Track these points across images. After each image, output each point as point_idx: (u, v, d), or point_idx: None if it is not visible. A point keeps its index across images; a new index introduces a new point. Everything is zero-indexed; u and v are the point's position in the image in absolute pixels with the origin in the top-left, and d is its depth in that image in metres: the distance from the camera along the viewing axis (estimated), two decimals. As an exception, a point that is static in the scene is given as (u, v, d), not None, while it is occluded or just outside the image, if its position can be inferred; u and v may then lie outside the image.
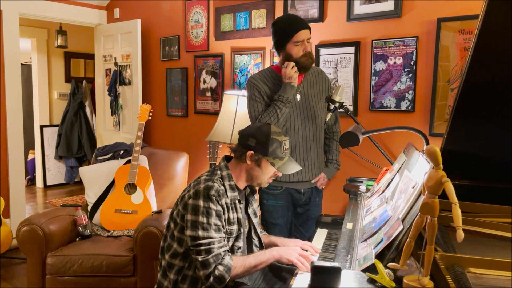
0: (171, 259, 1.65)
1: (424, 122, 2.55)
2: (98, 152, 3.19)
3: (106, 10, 4.65)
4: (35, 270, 2.49)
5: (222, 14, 3.57)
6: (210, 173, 1.70)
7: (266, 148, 1.65)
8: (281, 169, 1.68)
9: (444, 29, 2.44)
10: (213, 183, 1.61)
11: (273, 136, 1.65)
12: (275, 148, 1.65)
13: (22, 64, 4.93)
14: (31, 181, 6.20)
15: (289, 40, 2.11)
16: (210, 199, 1.56)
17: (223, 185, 1.65)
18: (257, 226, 1.86)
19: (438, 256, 1.07)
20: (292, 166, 1.71)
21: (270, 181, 1.75)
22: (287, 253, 1.56)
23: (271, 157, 1.66)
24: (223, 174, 1.69)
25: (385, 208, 1.49)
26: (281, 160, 1.67)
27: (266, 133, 1.66)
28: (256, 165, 1.68)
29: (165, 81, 4.15)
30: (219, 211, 1.58)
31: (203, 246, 1.53)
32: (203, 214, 1.55)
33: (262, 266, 1.60)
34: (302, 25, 2.11)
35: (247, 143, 1.67)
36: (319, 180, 2.29)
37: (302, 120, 2.21)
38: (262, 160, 1.66)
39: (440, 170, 1.00)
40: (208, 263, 1.52)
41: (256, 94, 2.18)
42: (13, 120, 3.85)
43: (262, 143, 1.65)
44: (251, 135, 1.68)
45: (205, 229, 1.54)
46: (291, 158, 1.73)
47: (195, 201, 1.57)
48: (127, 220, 2.79)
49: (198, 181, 1.65)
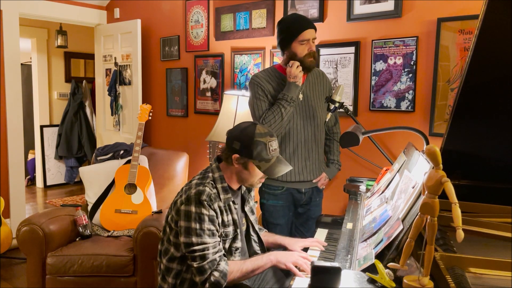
0: (169, 263, 1.65)
1: (424, 122, 2.55)
2: (98, 152, 3.19)
3: (106, 10, 4.65)
4: (35, 270, 2.49)
5: (222, 14, 3.57)
6: (202, 176, 1.67)
7: (250, 151, 1.59)
8: (267, 172, 1.63)
9: (444, 29, 2.43)
10: (204, 187, 1.58)
11: (257, 138, 1.59)
12: (259, 150, 1.59)
13: (22, 64, 4.93)
14: (31, 181, 6.20)
15: (294, 39, 2.11)
16: (202, 205, 1.54)
17: (216, 188, 1.62)
18: (255, 223, 1.85)
19: (438, 256, 1.07)
20: (280, 168, 1.65)
21: (262, 181, 1.71)
22: (285, 259, 1.55)
23: (257, 160, 1.60)
24: (215, 176, 1.66)
25: (385, 208, 1.49)
26: (268, 162, 1.61)
27: (250, 135, 1.60)
28: (243, 168, 1.64)
29: (165, 81, 4.15)
30: (211, 216, 1.55)
31: (197, 252, 1.52)
32: (195, 220, 1.53)
33: (259, 271, 1.59)
34: (308, 25, 2.11)
35: (232, 146, 1.63)
36: (320, 180, 2.29)
37: (303, 120, 2.21)
38: (249, 163, 1.62)
39: (440, 170, 1.00)
40: (204, 269, 1.52)
41: (260, 92, 2.17)
42: (13, 120, 3.85)
43: (246, 146, 1.60)
44: (236, 138, 1.63)
45: (199, 235, 1.53)
46: (280, 158, 1.67)
47: (187, 207, 1.55)
48: (127, 220, 2.79)
49: (190, 186, 1.62)
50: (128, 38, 4.22)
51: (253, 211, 1.87)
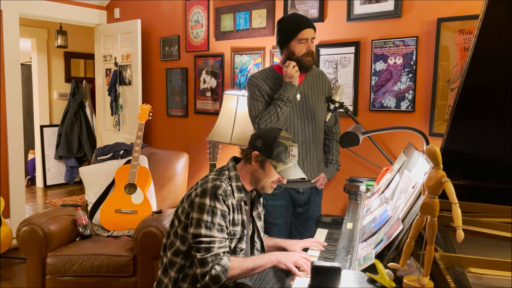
0: (173, 257, 1.66)
1: (424, 122, 2.55)
2: (98, 152, 3.20)
3: (106, 10, 4.65)
4: (35, 270, 2.49)
5: (222, 14, 3.57)
6: (218, 173, 1.70)
7: (271, 150, 1.64)
8: (283, 173, 1.66)
9: (444, 29, 2.43)
10: (221, 182, 1.61)
11: (280, 140, 1.65)
12: (280, 151, 1.64)
13: (22, 64, 4.93)
14: (31, 181, 6.20)
15: (293, 38, 2.12)
16: (217, 198, 1.57)
17: (231, 185, 1.65)
18: (261, 230, 1.86)
19: (438, 256, 1.07)
20: (296, 172, 1.68)
21: (274, 185, 1.73)
22: (285, 259, 1.56)
23: (275, 160, 1.64)
24: (231, 175, 1.69)
25: (385, 208, 1.49)
26: (285, 164, 1.65)
27: (274, 136, 1.66)
28: (260, 167, 1.67)
29: (165, 81, 4.15)
30: (224, 211, 1.58)
31: (203, 244, 1.53)
32: (208, 212, 1.55)
33: (260, 270, 1.60)
34: (307, 24, 2.13)
35: (254, 144, 1.68)
36: (319, 180, 2.29)
37: (302, 120, 2.21)
38: (266, 162, 1.65)
39: (440, 170, 1.00)
40: (206, 261, 1.53)
41: (257, 93, 2.18)
42: (13, 120, 3.85)
43: (268, 144, 1.65)
44: (259, 136, 1.69)
45: (208, 228, 1.54)
46: (296, 166, 1.70)
47: (202, 199, 1.58)
48: (127, 220, 2.79)
49: (206, 180, 1.65)
50: (128, 38, 4.22)
51: (261, 217, 1.88)
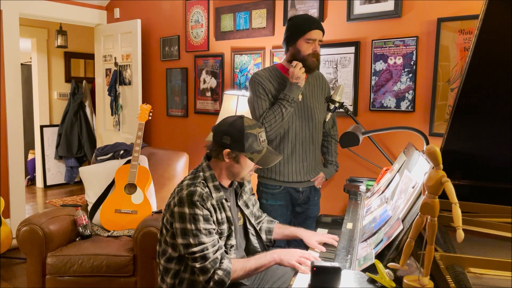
0: (166, 264, 1.66)
1: (424, 122, 2.55)
2: (98, 152, 3.19)
3: (106, 10, 4.65)
4: (35, 270, 2.49)
5: (222, 14, 3.57)
6: (193, 176, 1.68)
7: (242, 144, 1.61)
8: (260, 163, 1.65)
9: (444, 29, 2.43)
10: (195, 187, 1.59)
11: (248, 131, 1.62)
12: (251, 142, 1.62)
13: (22, 64, 4.94)
14: (31, 181, 6.20)
15: (301, 36, 2.12)
16: (195, 205, 1.54)
17: (207, 187, 1.63)
18: (251, 217, 1.86)
19: (438, 256, 1.07)
20: (272, 158, 1.68)
21: (252, 173, 1.73)
22: (288, 257, 1.55)
23: (249, 152, 1.63)
24: (206, 175, 1.67)
25: (385, 208, 1.49)
26: (259, 153, 1.65)
27: (240, 128, 1.62)
28: (234, 162, 1.66)
29: (165, 81, 4.15)
30: (206, 215, 1.56)
31: (197, 254, 1.53)
32: (190, 221, 1.54)
33: (263, 269, 1.60)
34: (317, 25, 2.14)
35: (222, 142, 1.64)
36: (317, 180, 2.31)
37: (301, 121, 2.21)
38: (240, 156, 1.64)
39: (440, 170, 1.00)
40: (207, 269, 1.53)
41: (261, 91, 2.17)
42: (13, 120, 3.85)
43: (237, 140, 1.61)
44: (225, 133, 1.64)
45: (196, 236, 1.53)
46: (269, 149, 1.70)
47: (180, 208, 1.56)
48: (127, 220, 2.79)
49: (181, 187, 1.63)
50: (128, 38, 4.22)
51: (248, 204, 1.87)
